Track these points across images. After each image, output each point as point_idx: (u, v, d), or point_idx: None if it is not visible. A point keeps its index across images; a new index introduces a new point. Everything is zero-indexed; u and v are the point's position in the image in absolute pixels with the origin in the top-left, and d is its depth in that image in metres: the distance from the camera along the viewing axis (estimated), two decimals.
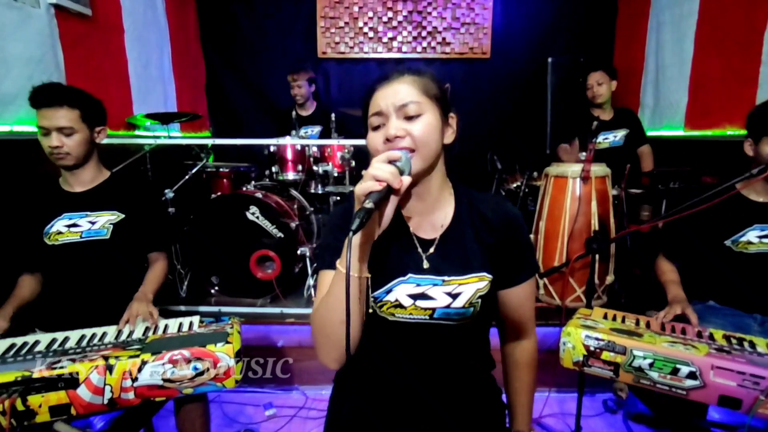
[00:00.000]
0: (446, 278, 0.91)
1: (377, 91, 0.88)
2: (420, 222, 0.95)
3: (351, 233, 0.70)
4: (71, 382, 1.10)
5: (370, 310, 0.89)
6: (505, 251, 0.93)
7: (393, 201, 0.79)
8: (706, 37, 2.77)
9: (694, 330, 1.35)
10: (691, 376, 1.13)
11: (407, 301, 0.91)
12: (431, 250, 0.93)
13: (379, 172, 0.75)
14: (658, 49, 3.22)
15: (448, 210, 0.95)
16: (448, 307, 0.90)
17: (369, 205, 0.72)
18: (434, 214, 0.95)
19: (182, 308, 2.33)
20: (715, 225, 1.53)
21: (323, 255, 0.93)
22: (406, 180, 0.78)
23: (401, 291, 0.91)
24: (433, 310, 0.90)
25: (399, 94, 0.86)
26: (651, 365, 1.19)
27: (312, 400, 2.11)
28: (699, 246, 1.59)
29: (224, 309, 2.34)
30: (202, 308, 2.35)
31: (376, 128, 0.88)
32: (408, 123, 0.85)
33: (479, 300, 0.91)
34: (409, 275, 0.91)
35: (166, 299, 2.36)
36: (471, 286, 0.90)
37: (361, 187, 0.76)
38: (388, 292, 0.92)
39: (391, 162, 0.79)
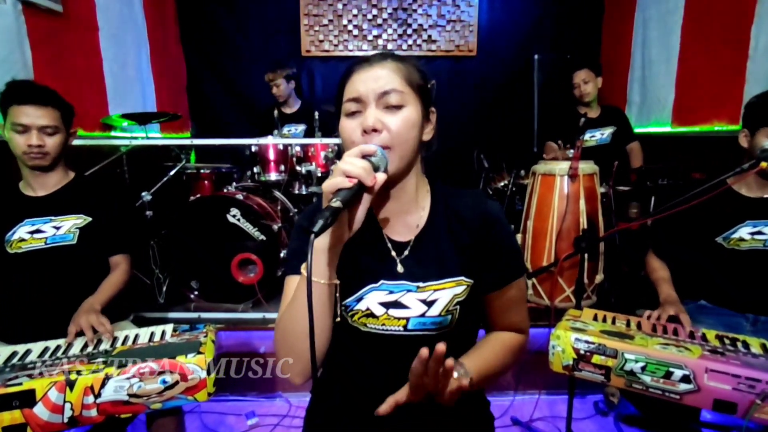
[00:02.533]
0: (421, 284, 0.84)
1: (355, 74, 0.80)
2: (394, 223, 0.88)
3: (312, 235, 0.62)
4: (27, 400, 1.02)
5: (338, 319, 0.81)
6: (484, 252, 0.85)
7: (365, 201, 0.72)
8: (692, 33, 2.75)
9: (687, 331, 1.31)
10: (685, 379, 1.09)
11: (379, 310, 0.84)
12: (406, 252, 0.86)
13: (351, 167, 0.68)
14: (644, 45, 3.21)
15: (424, 210, 0.88)
16: (422, 315, 0.83)
17: (336, 203, 0.64)
18: (409, 215, 0.88)
19: (160, 315, 2.25)
20: (706, 221, 1.49)
21: (290, 260, 0.87)
22: (381, 177, 0.71)
23: (373, 299, 0.84)
24: (407, 319, 0.83)
25: (381, 80, 0.78)
26: (643, 369, 1.14)
27: (296, 407, 2.04)
28: (689, 243, 1.55)
29: (204, 315, 2.26)
30: (181, 314, 2.27)
31: (351, 115, 0.80)
32: (387, 114, 0.78)
33: (457, 307, 0.83)
34: (381, 282, 0.84)
35: (143, 305, 2.29)
36: (447, 292, 0.83)
37: (330, 183, 0.68)
38: (359, 300, 0.85)
39: (365, 157, 0.72)
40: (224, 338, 2.11)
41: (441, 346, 0.67)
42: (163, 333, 1.34)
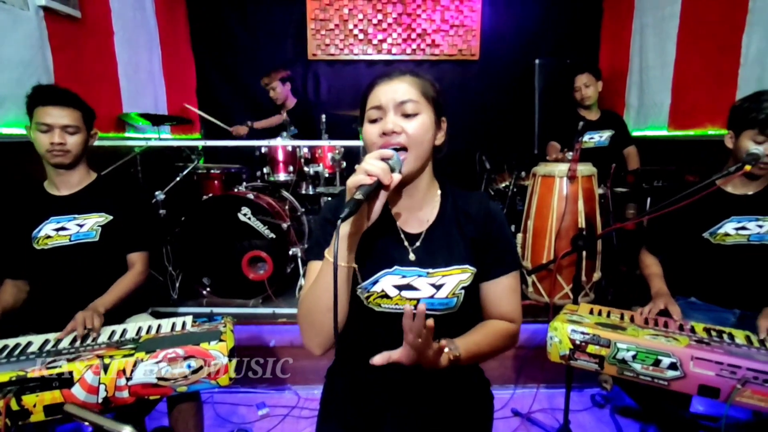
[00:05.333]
0: (431, 270, 0.95)
1: (378, 86, 0.93)
2: (407, 218, 1.00)
3: (340, 220, 0.74)
4: (66, 381, 1.11)
5: (360, 295, 0.92)
6: (486, 244, 0.98)
7: (382, 197, 0.84)
8: (687, 40, 2.84)
9: (676, 323, 1.39)
10: (672, 366, 1.17)
11: (393, 292, 0.95)
12: (417, 243, 0.98)
13: (371, 167, 0.79)
14: (641, 51, 3.29)
15: (434, 206, 1.00)
16: (432, 297, 0.94)
17: (359, 196, 0.76)
18: (421, 211, 1.00)
19: (173, 310, 2.33)
20: (694, 218, 1.57)
21: (313, 247, 0.98)
22: (397, 177, 0.82)
23: (387, 282, 0.95)
24: (418, 300, 0.93)
25: (399, 91, 0.91)
26: (634, 357, 1.23)
27: (304, 399, 2.12)
28: (680, 240, 1.63)
29: (216, 310, 2.35)
30: (194, 309, 2.36)
31: (373, 121, 0.92)
32: (404, 120, 0.90)
33: (462, 291, 0.95)
34: (395, 267, 0.96)
35: (157, 301, 2.37)
36: (454, 278, 0.95)
37: (353, 180, 0.80)
38: (375, 283, 0.95)
39: (384, 159, 0.83)
40: (236, 332, 2.17)
41: (421, 306, 0.77)
42: (184, 324, 1.43)
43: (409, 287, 0.95)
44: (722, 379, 1.12)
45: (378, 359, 0.82)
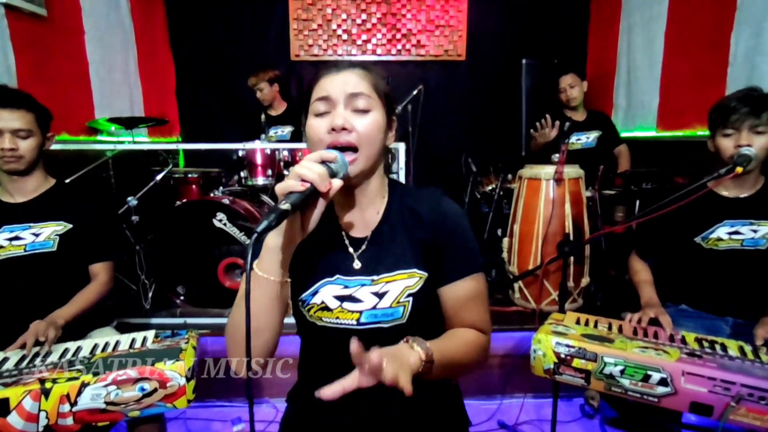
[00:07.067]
0: (375, 277, 0.86)
1: (324, 78, 0.84)
2: (353, 221, 0.91)
3: (255, 233, 0.63)
4: (0, 409, 1.01)
5: (302, 308, 0.83)
6: (440, 248, 0.87)
7: (321, 205, 0.74)
8: (675, 39, 2.80)
9: (667, 333, 1.32)
10: (662, 382, 1.10)
11: (333, 303, 0.86)
12: (363, 247, 0.89)
13: (306, 171, 0.69)
14: (629, 51, 3.25)
15: (380, 207, 0.91)
16: (374, 308, 0.84)
17: (285, 206, 0.65)
18: (366, 212, 0.91)
19: (145, 321, 2.23)
20: (686, 222, 1.51)
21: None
22: (336, 184, 0.72)
23: (327, 292, 0.86)
24: (360, 313, 0.85)
25: (350, 83, 0.82)
26: (622, 372, 1.15)
27: (282, 413, 2.02)
28: (670, 244, 1.57)
29: (190, 320, 2.24)
30: (167, 320, 2.25)
31: (320, 115, 0.83)
32: (355, 117, 0.81)
33: (409, 299, 0.85)
34: (337, 276, 0.87)
35: (128, 311, 2.27)
36: (399, 284, 0.85)
37: (283, 186, 0.70)
38: (314, 293, 0.87)
39: (325, 162, 0.73)
40: (210, 344, 2.09)
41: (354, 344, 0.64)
42: (144, 339, 1.33)
43: (351, 298, 0.85)
44: (715, 396, 1.05)
45: (328, 393, 0.67)
